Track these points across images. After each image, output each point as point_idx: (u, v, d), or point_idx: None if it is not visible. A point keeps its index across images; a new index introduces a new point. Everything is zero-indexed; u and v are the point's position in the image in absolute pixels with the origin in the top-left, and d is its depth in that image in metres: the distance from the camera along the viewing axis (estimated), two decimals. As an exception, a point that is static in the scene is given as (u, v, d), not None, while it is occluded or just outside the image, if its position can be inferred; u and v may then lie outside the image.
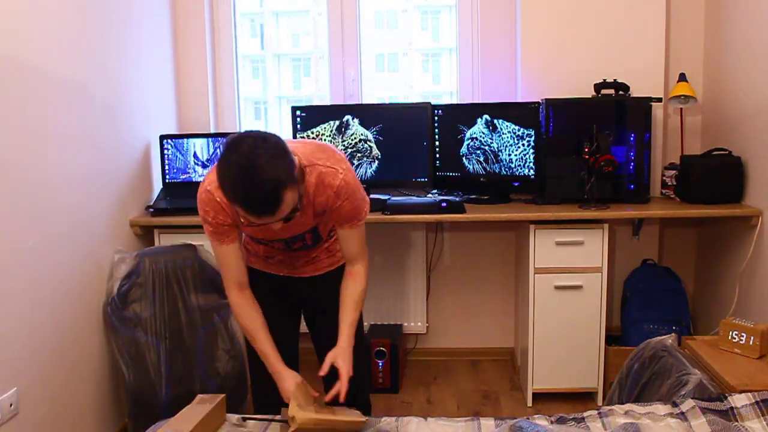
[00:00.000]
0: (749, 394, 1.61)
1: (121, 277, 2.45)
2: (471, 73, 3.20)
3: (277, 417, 1.68)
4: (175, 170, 2.97)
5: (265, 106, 3.92)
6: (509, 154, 2.85)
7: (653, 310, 2.84)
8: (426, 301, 3.22)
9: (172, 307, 2.48)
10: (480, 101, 3.13)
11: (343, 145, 2.96)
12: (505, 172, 2.88)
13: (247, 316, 1.73)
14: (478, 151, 2.91)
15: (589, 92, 2.87)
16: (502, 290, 3.26)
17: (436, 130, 2.98)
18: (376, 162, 2.96)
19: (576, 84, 2.91)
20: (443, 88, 3.77)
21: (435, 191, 3.09)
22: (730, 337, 2.04)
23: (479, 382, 3.05)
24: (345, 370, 1.68)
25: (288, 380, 1.68)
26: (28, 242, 2.02)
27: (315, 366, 1.76)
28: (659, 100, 2.79)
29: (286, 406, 1.61)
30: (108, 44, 2.52)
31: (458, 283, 3.27)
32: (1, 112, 1.89)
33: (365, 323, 3.19)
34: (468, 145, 2.93)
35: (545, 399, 2.77)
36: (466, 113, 2.93)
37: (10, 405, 1.91)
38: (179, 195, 2.89)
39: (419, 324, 3.22)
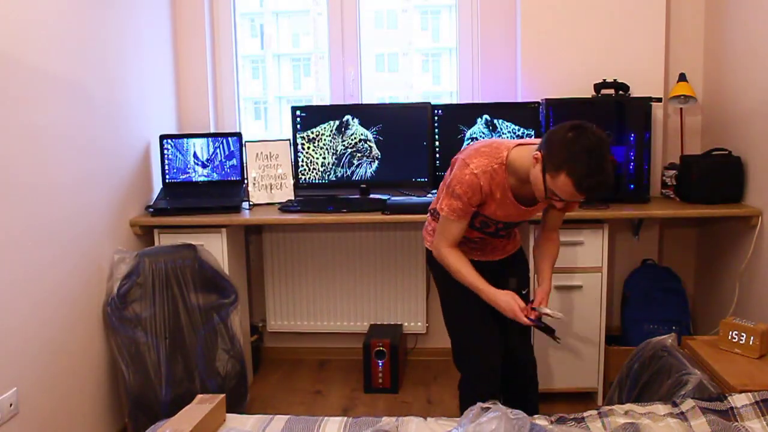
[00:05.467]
0: (749, 394, 1.61)
1: (121, 277, 2.45)
2: (471, 73, 3.20)
3: None
4: (175, 170, 2.97)
5: (265, 106, 3.91)
6: (509, 154, 2.85)
7: (653, 310, 2.84)
8: (426, 301, 3.21)
9: (172, 307, 2.48)
10: (480, 101, 3.13)
11: (343, 145, 2.96)
12: (505, 172, 2.87)
13: (459, 259, 1.99)
14: (478, 151, 2.91)
15: (589, 92, 2.87)
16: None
17: (436, 130, 2.98)
18: (376, 162, 2.96)
19: (576, 84, 2.91)
20: (443, 88, 3.77)
21: (435, 191, 3.09)
22: (730, 337, 2.04)
23: (479, 382, 3.04)
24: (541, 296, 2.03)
25: (505, 294, 1.94)
26: (28, 242, 2.02)
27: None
28: (659, 100, 2.79)
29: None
30: (108, 44, 2.52)
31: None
32: None
33: (364, 323, 3.22)
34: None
35: (545, 399, 2.77)
36: (466, 113, 2.93)
37: (10, 405, 1.92)
38: (179, 195, 2.90)
39: (419, 324, 3.22)
